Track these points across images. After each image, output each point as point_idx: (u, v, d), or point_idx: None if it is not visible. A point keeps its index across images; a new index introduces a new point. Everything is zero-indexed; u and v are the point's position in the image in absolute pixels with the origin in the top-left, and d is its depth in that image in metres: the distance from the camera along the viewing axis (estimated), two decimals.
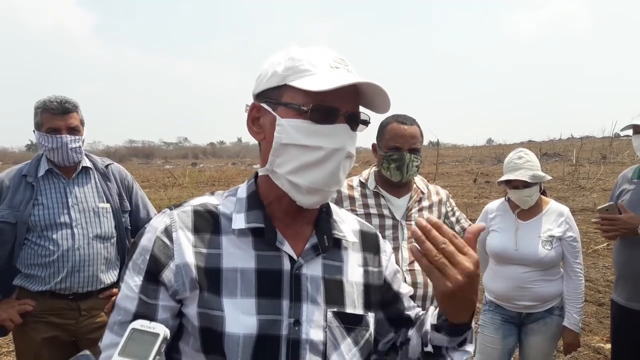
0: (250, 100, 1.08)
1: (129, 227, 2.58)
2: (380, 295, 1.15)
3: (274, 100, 1.01)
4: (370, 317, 1.11)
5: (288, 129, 0.98)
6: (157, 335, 0.80)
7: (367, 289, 1.12)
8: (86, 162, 2.50)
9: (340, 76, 0.98)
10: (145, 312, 0.97)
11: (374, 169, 2.32)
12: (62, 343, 2.38)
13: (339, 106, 0.98)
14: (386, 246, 1.22)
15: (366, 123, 1.05)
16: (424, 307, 2.14)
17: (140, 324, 0.82)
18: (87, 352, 0.98)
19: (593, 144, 24.15)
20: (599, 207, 2.71)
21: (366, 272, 1.13)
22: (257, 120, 1.05)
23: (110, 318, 1.01)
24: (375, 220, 2.15)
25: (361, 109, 1.05)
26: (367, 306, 1.11)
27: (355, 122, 1.02)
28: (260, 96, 1.04)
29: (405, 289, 1.22)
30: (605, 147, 21.78)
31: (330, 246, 1.08)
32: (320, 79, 0.96)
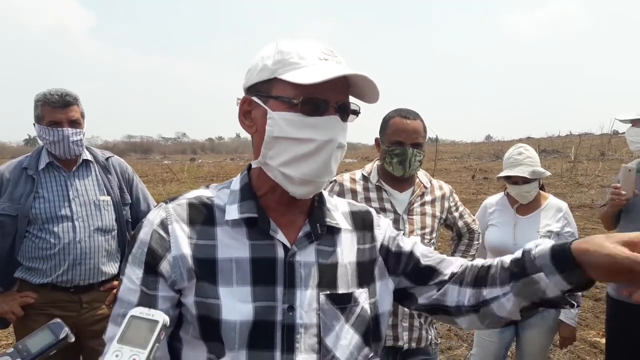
0: (242, 95, 1.09)
1: (130, 220, 2.58)
2: (378, 267, 1.16)
3: (264, 94, 1.02)
4: (360, 292, 1.11)
5: (279, 121, 0.99)
6: (156, 322, 0.80)
7: (360, 266, 1.13)
8: (87, 155, 2.50)
9: (329, 68, 0.99)
10: (147, 303, 1.00)
11: (377, 162, 2.32)
12: None
13: (329, 98, 1.00)
14: (381, 221, 1.22)
15: (356, 113, 1.06)
16: None
17: (139, 311, 0.81)
18: (57, 320, 0.99)
19: (591, 140, 24.16)
20: (624, 165, 2.64)
21: (359, 250, 1.15)
22: (249, 113, 1.07)
23: (113, 310, 1.04)
24: None
25: (351, 99, 1.06)
26: (360, 283, 1.12)
27: (345, 112, 1.04)
28: (251, 90, 1.06)
29: (407, 244, 1.18)
30: (604, 144, 21.80)
31: (323, 234, 1.09)
32: (310, 71, 0.97)
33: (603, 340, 4.38)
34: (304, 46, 1.02)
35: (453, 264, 1.17)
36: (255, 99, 1.04)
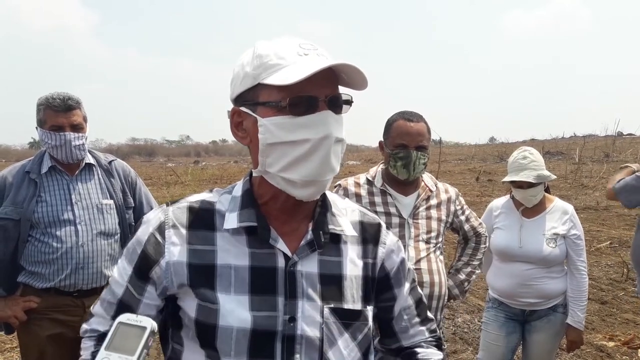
0: (230, 106, 1.07)
1: (133, 223, 2.56)
2: (376, 288, 1.14)
3: (251, 102, 1.00)
4: (369, 310, 1.10)
5: (271, 127, 0.97)
6: (144, 328, 0.79)
7: (366, 281, 1.11)
8: (89, 159, 2.49)
9: (311, 63, 0.95)
10: (129, 302, 1.02)
11: (381, 166, 2.30)
12: (67, 340, 2.38)
13: (317, 93, 0.96)
14: (387, 237, 1.18)
15: (349, 103, 1.03)
16: (429, 307, 2.13)
17: (127, 317, 0.81)
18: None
19: (596, 142, 24.08)
20: None
21: (365, 265, 1.12)
22: (240, 124, 1.04)
23: (103, 293, 1.07)
24: (382, 218, 2.13)
25: (342, 89, 1.02)
26: (366, 299, 1.10)
27: (337, 105, 1.00)
28: (238, 100, 1.03)
29: (401, 290, 1.17)
30: (608, 146, 21.72)
31: (327, 242, 1.06)
32: (291, 70, 0.94)
33: (610, 344, 4.35)
34: (282, 45, 0.99)
35: (410, 339, 1.19)
36: (243, 109, 1.02)
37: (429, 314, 1.23)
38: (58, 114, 2.32)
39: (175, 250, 1.00)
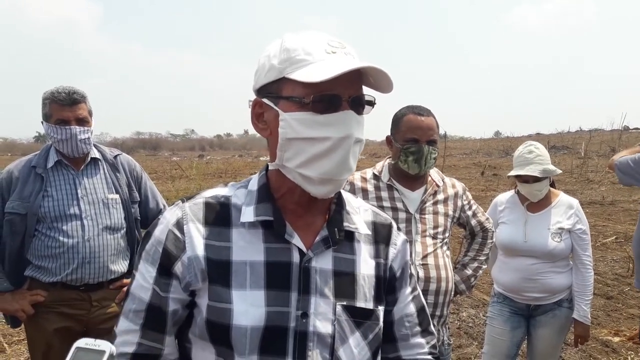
0: (252, 96, 1.06)
1: (139, 218, 2.57)
2: (386, 288, 1.14)
3: (274, 95, 0.99)
4: (380, 310, 1.10)
5: (292, 122, 0.96)
6: (102, 352, 0.79)
7: (378, 281, 1.11)
8: (95, 153, 2.49)
9: (338, 62, 0.95)
10: (158, 303, 1.00)
11: (388, 161, 2.29)
12: (74, 333, 2.39)
13: (341, 93, 0.96)
14: (398, 238, 1.18)
15: (372, 104, 1.02)
16: (436, 302, 2.13)
17: (84, 342, 0.80)
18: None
19: (602, 136, 23.96)
20: None
21: (378, 265, 1.12)
22: (261, 116, 1.03)
23: (125, 305, 1.03)
24: (388, 214, 2.12)
25: (365, 89, 1.02)
26: (378, 299, 1.10)
27: (360, 105, 0.99)
28: (261, 91, 1.02)
29: (405, 292, 1.17)
30: (614, 140, 21.58)
31: (341, 239, 1.06)
32: (318, 67, 0.94)
33: (615, 339, 4.35)
34: (310, 40, 0.98)
35: (409, 350, 1.17)
36: (266, 100, 1.01)
37: (431, 328, 1.21)
38: (64, 107, 2.33)
39: (195, 245, 1.00)
